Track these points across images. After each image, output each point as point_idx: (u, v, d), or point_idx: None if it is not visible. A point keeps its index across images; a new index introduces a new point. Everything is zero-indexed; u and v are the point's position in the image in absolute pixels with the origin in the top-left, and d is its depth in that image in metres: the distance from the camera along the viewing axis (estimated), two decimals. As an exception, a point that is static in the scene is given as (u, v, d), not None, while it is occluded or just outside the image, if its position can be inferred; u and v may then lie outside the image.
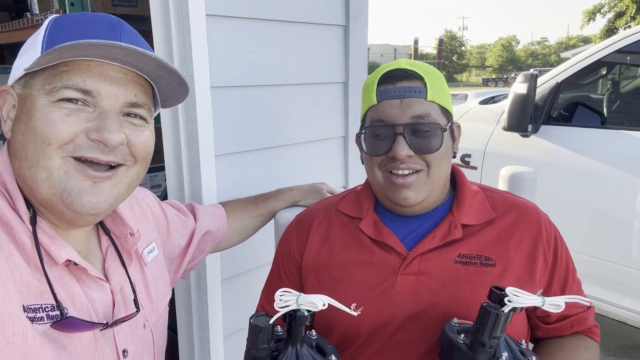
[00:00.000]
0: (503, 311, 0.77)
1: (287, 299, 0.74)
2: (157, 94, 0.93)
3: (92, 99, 0.80)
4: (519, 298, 0.77)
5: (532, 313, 1.06)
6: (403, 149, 0.98)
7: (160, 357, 1.04)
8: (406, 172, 1.01)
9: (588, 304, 0.81)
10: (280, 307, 0.73)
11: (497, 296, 0.80)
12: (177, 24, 1.37)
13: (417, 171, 1.01)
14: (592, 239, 2.79)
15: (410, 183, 1.00)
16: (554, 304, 0.78)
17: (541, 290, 0.81)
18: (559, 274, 1.03)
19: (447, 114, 1.05)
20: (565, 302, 1.02)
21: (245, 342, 0.78)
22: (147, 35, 1.17)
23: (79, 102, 0.80)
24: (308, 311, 0.74)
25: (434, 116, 1.01)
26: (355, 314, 0.75)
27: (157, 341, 1.01)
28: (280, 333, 0.81)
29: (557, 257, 1.03)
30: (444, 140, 1.01)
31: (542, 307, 0.78)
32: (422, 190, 1.02)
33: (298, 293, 0.74)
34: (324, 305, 0.73)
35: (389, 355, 1.00)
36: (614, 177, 2.67)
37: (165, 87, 0.91)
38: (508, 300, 0.77)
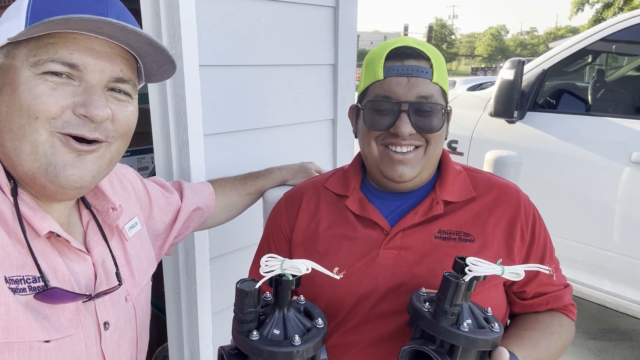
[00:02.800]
0: (463, 280, 0.80)
1: (272, 264, 0.75)
2: (141, 69, 0.92)
3: (78, 73, 0.79)
4: (478, 267, 0.79)
5: (508, 289, 1.09)
6: (406, 126, 1.00)
7: (143, 331, 1.05)
8: (405, 149, 1.03)
9: (548, 272, 0.83)
10: (265, 272, 0.75)
11: (460, 266, 0.82)
12: (166, 1, 1.36)
13: (416, 147, 1.04)
14: (574, 224, 2.85)
15: (408, 160, 1.03)
16: (514, 273, 0.81)
17: (501, 259, 0.83)
18: (535, 252, 1.06)
19: (445, 97, 1.07)
20: (541, 280, 1.06)
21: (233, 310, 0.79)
22: (136, 14, 1.17)
23: (64, 76, 0.79)
24: (293, 276, 0.76)
25: (437, 98, 1.03)
26: (338, 277, 0.77)
27: (139, 315, 1.02)
28: (269, 299, 0.83)
29: (534, 236, 1.06)
30: (444, 121, 1.04)
31: (502, 276, 0.80)
32: (417, 166, 1.04)
33: (282, 258, 0.75)
34: (307, 269, 0.75)
35: (371, 326, 1.02)
36: (596, 163, 2.72)
37: (152, 64, 0.91)
38: (469, 270, 0.80)
